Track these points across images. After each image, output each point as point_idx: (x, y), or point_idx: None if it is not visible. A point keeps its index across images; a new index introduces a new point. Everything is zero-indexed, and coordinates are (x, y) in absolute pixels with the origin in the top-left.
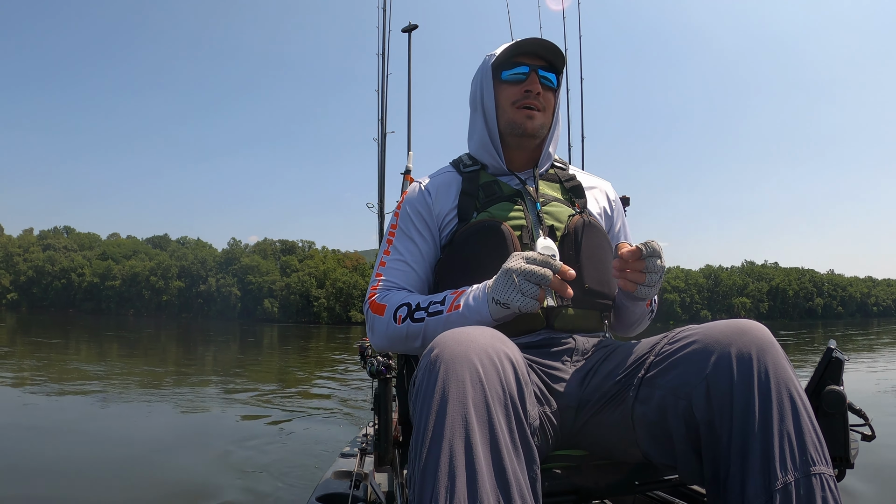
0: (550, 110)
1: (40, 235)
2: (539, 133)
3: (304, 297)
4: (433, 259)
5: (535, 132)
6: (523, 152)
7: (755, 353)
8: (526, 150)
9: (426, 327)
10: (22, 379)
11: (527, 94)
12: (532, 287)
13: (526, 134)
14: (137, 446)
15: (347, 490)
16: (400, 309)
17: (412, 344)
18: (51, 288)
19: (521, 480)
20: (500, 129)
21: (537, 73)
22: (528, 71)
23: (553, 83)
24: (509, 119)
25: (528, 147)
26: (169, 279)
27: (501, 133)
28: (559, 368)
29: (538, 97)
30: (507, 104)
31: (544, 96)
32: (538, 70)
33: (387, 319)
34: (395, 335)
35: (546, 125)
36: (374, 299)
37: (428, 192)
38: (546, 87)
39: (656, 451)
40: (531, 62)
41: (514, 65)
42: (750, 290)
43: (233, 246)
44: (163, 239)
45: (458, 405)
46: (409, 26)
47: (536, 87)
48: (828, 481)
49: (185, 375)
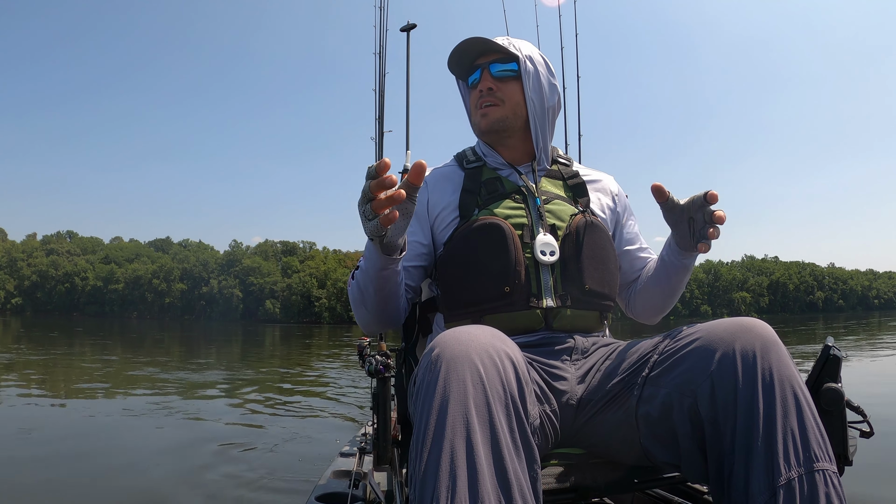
0: (514, 100)
1: (43, 240)
2: (500, 125)
3: (305, 298)
4: (421, 248)
5: (490, 127)
6: (509, 148)
7: (759, 350)
8: (510, 145)
9: (356, 279)
10: (26, 382)
11: (480, 94)
12: (366, 207)
13: (484, 132)
14: (138, 446)
15: (347, 489)
16: (353, 271)
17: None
18: (54, 292)
19: (521, 480)
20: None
21: (489, 70)
22: (481, 70)
23: (511, 72)
24: (474, 122)
25: (511, 142)
26: (171, 282)
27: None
28: (559, 367)
29: (491, 92)
30: (473, 109)
31: (503, 88)
32: (490, 66)
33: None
34: (350, 294)
35: (509, 116)
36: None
37: (425, 184)
38: (503, 77)
39: (659, 449)
40: (485, 60)
41: (473, 69)
42: (750, 285)
43: (234, 248)
44: (165, 242)
45: (459, 405)
46: (407, 25)
47: (485, 83)
48: (831, 478)
49: (185, 375)
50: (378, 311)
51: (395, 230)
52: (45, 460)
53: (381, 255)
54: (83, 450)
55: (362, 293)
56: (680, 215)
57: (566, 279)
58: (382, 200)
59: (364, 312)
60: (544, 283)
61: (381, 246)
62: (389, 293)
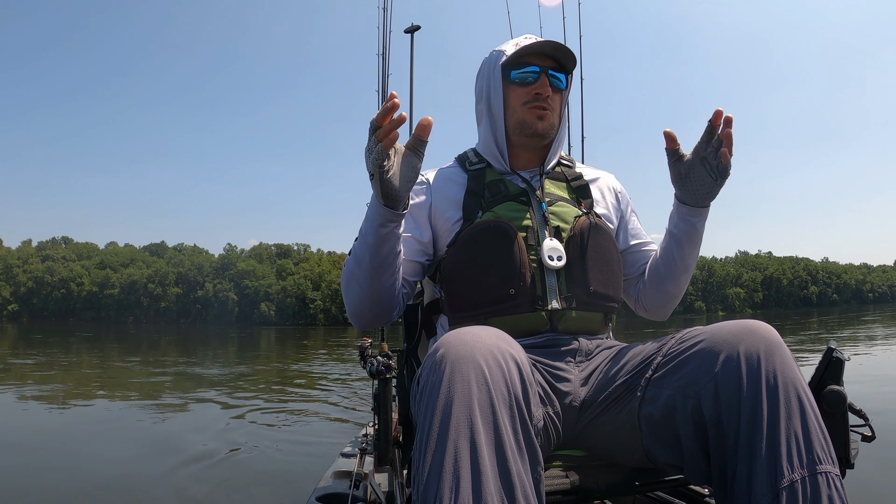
0: (557, 111)
1: (39, 246)
2: (549, 134)
3: (300, 300)
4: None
5: (545, 133)
6: (530, 152)
7: (763, 352)
8: (533, 149)
9: (353, 249)
10: (19, 385)
11: (537, 97)
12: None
13: (536, 134)
14: (137, 447)
15: (347, 490)
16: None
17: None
18: (50, 298)
19: (525, 482)
20: (507, 128)
21: (547, 75)
22: (539, 71)
23: (562, 84)
24: (519, 119)
25: (536, 147)
26: (167, 286)
27: (509, 132)
28: (563, 368)
29: (548, 99)
30: (518, 104)
31: (553, 97)
32: (548, 70)
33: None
34: (344, 274)
35: (555, 126)
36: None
37: (428, 182)
38: (555, 88)
39: (662, 451)
40: (541, 62)
41: (523, 64)
42: (744, 281)
43: (229, 251)
44: (160, 246)
45: (463, 406)
46: (411, 27)
47: (547, 90)
48: (834, 480)
49: (183, 378)
50: (371, 286)
51: (401, 176)
52: (46, 459)
53: (382, 206)
54: (82, 450)
55: (357, 262)
56: (690, 164)
57: (571, 281)
58: (387, 125)
59: (356, 289)
60: (549, 286)
61: (381, 187)
62: (385, 262)
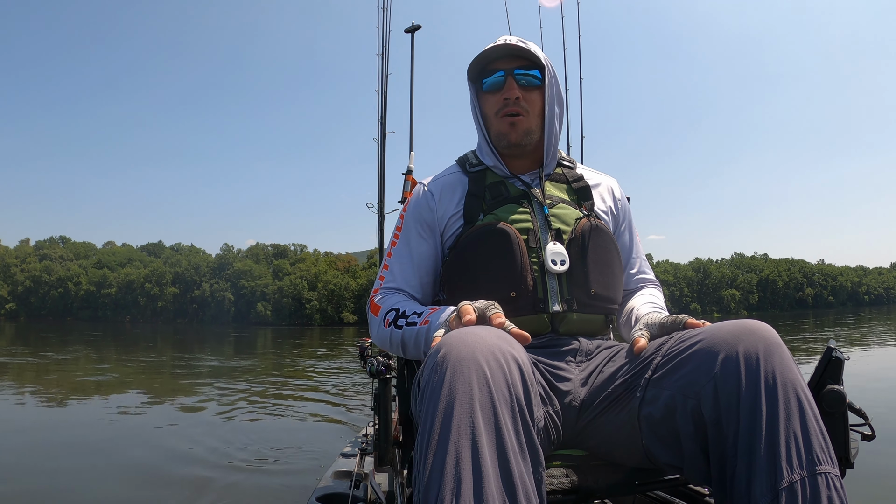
0: (537, 110)
1: (36, 246)
2: (526, 139)
3: (296, 300)
4: (436, 262)
5: (519, 141)
6: (521, 158)
7: (762, 352)
8: (523, 154)
9: (403, 335)
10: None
11: (506, 102)
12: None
13: (511, 145)
14: (136, 447)
15: (347, 490)
16: (389, 313)
17: (396, 348)
18: (48, 297)
19: (527, 483)
20: (491, 139)
21: (513, 76)
22: (504, 75)
23: (537, 80)
24: (496, 131)
25: (525, 151)
26: (164, 286)
27: (494, 143)
28: (563, 368)
29: (518, 101)
30: (492, 114)
31: (527, 97)
32: (514, 71)
33: (379, 321)
34: (383, 337)
35: (534, 127)
36: (374, 299)
37: (431, 195)
38: (528, 86)
39: (662, 451)
40: (507, 65)
41: (490, 71)
42: (740, 282)
43: (225, 251)
44: (157, 246)
45: (464, 407)
46: (412, 27)
47: (514, 93)
48: (833, 481)
49: (181, 378)
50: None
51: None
52: (45, 461)
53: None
54: (81, 451)
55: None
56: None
57: (572, 284)
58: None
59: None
60: (550, 288)
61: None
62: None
